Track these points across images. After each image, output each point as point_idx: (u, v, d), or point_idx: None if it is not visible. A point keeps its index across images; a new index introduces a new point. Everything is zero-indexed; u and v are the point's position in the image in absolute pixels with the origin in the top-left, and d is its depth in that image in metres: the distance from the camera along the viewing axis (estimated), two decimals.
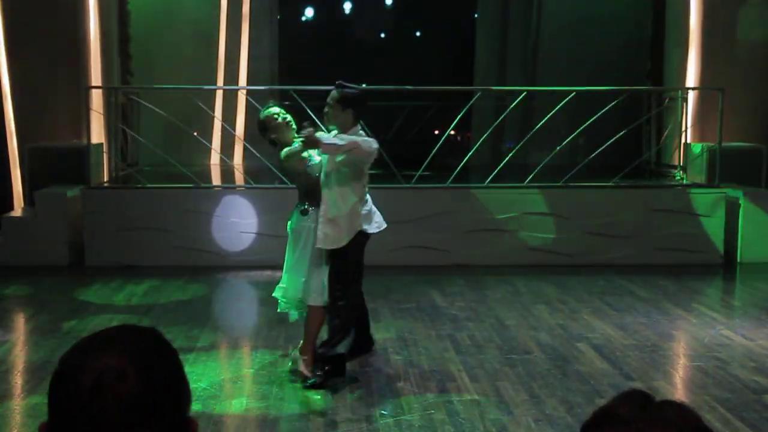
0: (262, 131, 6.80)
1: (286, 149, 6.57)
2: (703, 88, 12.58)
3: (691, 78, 12.97)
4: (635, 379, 6.50)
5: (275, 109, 6.77)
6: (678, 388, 6.56)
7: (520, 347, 7.37)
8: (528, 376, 6.58)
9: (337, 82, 6.71)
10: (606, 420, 1.47)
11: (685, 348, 7.58)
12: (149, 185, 11.34)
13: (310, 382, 6.39)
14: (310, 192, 6.60)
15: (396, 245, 10.76)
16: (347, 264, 6.53)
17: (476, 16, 17.73)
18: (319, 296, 6.49)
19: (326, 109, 6.58)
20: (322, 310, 6.53)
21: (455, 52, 18.32)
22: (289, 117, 6.76)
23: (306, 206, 6.62)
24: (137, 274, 10.30)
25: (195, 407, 5.55)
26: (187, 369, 1.55)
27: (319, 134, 6.36)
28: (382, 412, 5.83)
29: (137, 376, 1.43)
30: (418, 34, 17.65)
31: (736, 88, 12.20)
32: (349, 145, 6.28)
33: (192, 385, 1.59)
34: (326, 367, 6.43)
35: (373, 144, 6.44)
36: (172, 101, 14.65)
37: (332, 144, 6.28)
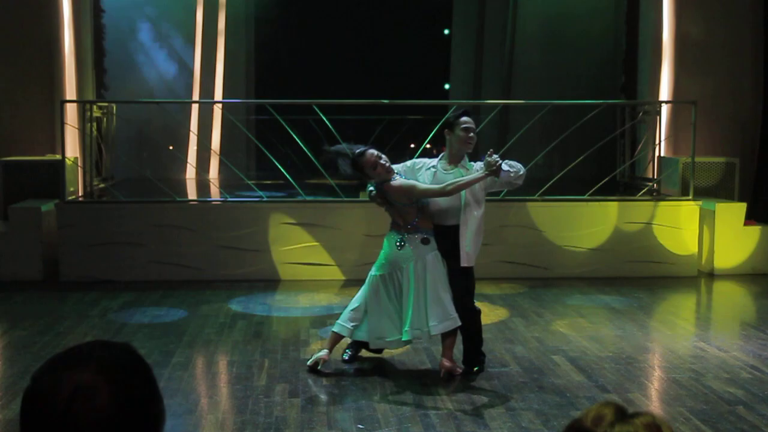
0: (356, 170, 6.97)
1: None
2: (676, 101, 12.68)
3: (665, 91, 13.07)
4: (611, 392, 6.53)
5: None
6: (653, 399, 6.59)
7: (496, 360, 7.38)
8: (504, 389, 6.59)
9: (465, 110, 7.12)
10: None
11: (660, 360, 7.61)
12: (124, 199, 11.30)
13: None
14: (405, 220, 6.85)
15: (372, 260, 10.73)
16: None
17: (446, 32, 17.82)
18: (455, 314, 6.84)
19: (472, 135, 6.95)
20: None
21: (430, 65, 18.35)
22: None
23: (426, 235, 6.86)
24: (112, 289, 10.24)
25: (169, 423, 5.52)
26: (161, 384, 1.55)
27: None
28: (359, 426, 5.82)
29: (111, 392, 1.43)
30: (394, 47, 17.67)
31: (709, 101, 12.32)
32: (516, 172, 6.81)
33: (166, 401, 1.59)
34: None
35: (523, 169, 6.94)
36: (147, 115, 14.62)
37: (507, 172, 6.74)
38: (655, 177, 12.47)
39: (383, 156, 6.92)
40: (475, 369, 7.04)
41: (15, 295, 10.02)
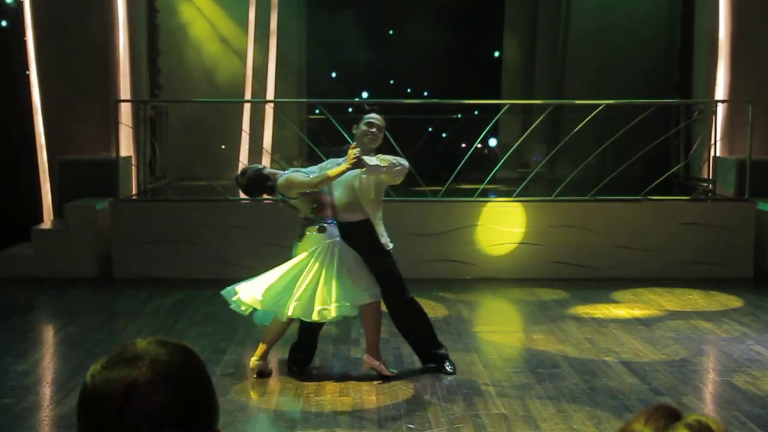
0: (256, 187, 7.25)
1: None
2: (732, 100, 12.50)
3: (721, 90, 12.89)
4: (664, 394, 6.45)
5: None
6: (707, 403, 6.50)
7: (547, 361, 7.33)
8: (555, 391, 6.54)
9: (373, 108, 7.19)
10: None
11: (714, 363, 7.51)
12: (177, 198, 11.40)
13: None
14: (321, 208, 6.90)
15: (422, 258, 10.75)
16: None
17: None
18: (375, 290, 6.75)
19: (374, 130, 6.91)
20: (378, 305, 6.78)
21: (483, 64, 18.30)
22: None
23: (323, 223, 6.84)
24: (165, 286, 10.34)
25: (221, 420, 5.56)
26: (214, 382, 1.56)
27: (365, 158, 6.65)
28: (409, 425, 5.81)
29: (166, 388, 1.44)
30: (446, 46, 17.64)
31: (767, 100, 12.10)
32: (390, 167, 6.73)
33: (219, 398, 1.60)
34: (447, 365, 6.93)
35: (406, 164, 6.88)
36: (200, 114, 14.75)
37: (375, 166, 6.67)
38: (711, 177, 12.30)
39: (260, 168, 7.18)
40: (449, 369, 6.97)
41: (69, 291, 10.16)
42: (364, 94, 16.95)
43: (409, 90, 17.95)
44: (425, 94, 17.80)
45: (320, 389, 6.58)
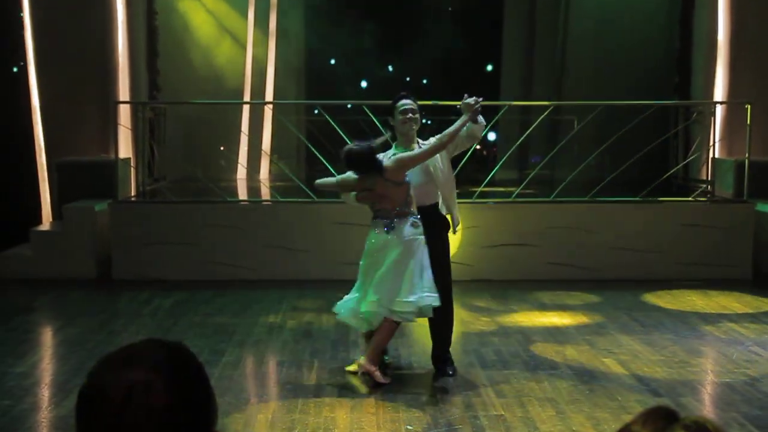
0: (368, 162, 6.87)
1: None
2: (731, 101, 12.51)
3: (719, 92, 12.89)
4: (662, 396, 6.45)
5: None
6: (706, 404, 6.50)
7: (546, 363, 7.34)
8: (554, 392, 6.54)
9: (404, 94, 7.16)
10: None
11: (713, 364, 7.51)
12: (176, 200, 11.40)
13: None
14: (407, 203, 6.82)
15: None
16: None
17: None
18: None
19: (410, 115, 6.91)
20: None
21: (482, 65, 18.31)
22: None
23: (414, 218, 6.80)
24: (164, 287, 10.34)
25: (220, 421, 5.56)
26: (213, 383, 1.56)
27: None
28: (408, 427, 5.82)
29: (166, 389, 1.44)
30: (446, 47, 17.66)
31: (765, 101, 12.11)
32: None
33: (218, 399, 1.60)
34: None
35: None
36: (199, 116, 14.76)
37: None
38: (709, 179, 12.30)
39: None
40: (450, 372, 7.00)
41: (69, 293, 10.16)
42: (363, 83, 16.99)
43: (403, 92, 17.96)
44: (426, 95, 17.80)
45: (319, 391, 6.58)
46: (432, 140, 6.82)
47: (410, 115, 6.91)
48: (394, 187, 6.71)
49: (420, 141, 6.97)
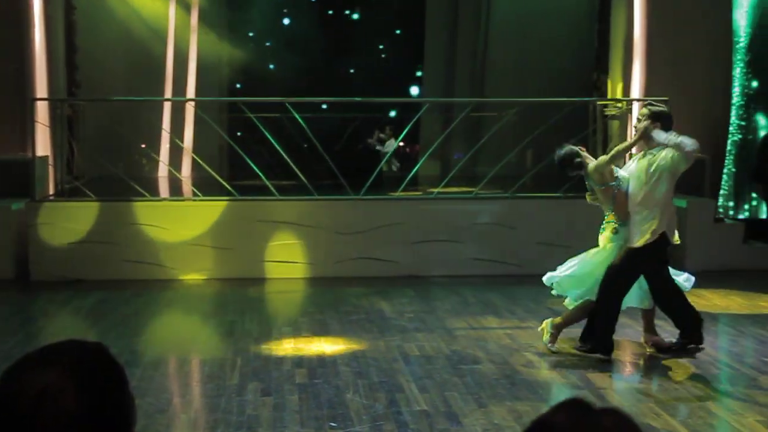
0: (564, 167, 7.67)
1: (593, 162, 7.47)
2: (647, 98, 12.73)
3: (636, 89, 13.14)
4: (583, 388, 6.56)
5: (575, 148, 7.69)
6: (624, 395, 6.63)
7: (468, 357, 7.41)
8: (477, 386, 6.61)
9: (648, 102, 7.76)
10: (542, 429, 1.50)
11: (631, 355, 7.66)
12: (96, 198, 11.23)
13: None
14: (615, 209, 7.37)
15: (345, 257, 10.80)
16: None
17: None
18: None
19: (637, 124, 7.41)
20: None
21: (405, 64, 18.39)
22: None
23: (616, 225, 7.38)
24: (83, 288, 10.18)
25: (141, 423, 5.51)
26: (133, 384, 1.56)
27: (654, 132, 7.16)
28: (331, 424, 5.83)
29: (78, 394, 1.43)
30: (367, 47, 17.72)
31: (681, 99, 12.37)
32: (678, 145, 7.12)
33: (138, 401, 1.60)
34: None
35: (693, 145, 7.15)
36: (120, 113, 14.55)
37: (676, 143, 7.11)
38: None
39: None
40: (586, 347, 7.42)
41: None
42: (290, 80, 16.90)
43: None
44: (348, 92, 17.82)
45: (242, 390, 6.55)
46: (611, 150, 7.59)
47: (636, 123, 7.50)
48: (599, 188, 7.43)
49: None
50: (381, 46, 18.77)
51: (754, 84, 12.58)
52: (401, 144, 12.97)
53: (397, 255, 10.95)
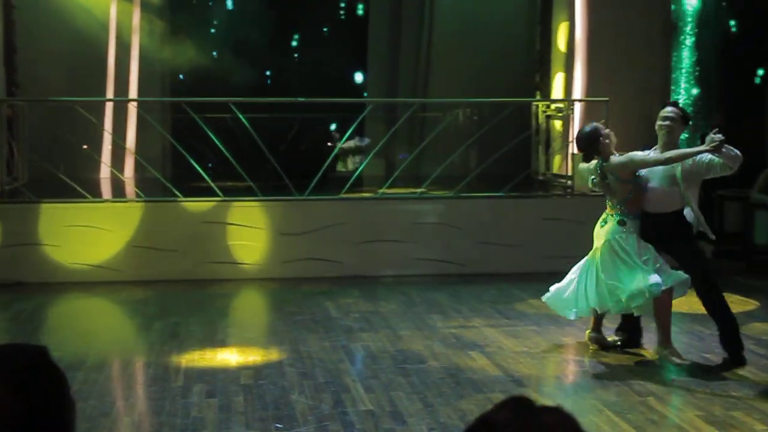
0: (588, 145, 7.41)
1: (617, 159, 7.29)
2: (588, 99, 12.90)
3: (578, 90, 13.29)
4: (527, 386, 6.63)
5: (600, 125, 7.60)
6: (567, 392, 6.71)
7: (414, 357, 7.44)
8: (422, 386, 6.64)
9: (670, 102, 7.76)
10: (484, 427, 1.52)
11: (574, 354, 7.75)
12: (36, 200, 11.07)
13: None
14: (626, 202, 7.23)
15: (289, 257, 10.78)
16: None
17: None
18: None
19: (668, 123, 7.28)
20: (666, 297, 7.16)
21: (347, 63, 18.40)
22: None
23: (623, 217, 7.22)
24: (24, 291, 10.04)
25: (84, 426, 5.45)
26: (75, 388, 1.55)
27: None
28: (277, 425, 5.82)
29: (14, 401, 1.41)
30: (310, 46, 17.71)
31: (621, 99, 12.54)
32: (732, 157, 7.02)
33: (81, 404, 1.59)
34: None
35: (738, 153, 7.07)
36: (61, 114, 14.34)
37: (732, 154, 6.98)
38: (569, 174, 12.66)
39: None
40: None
41: None
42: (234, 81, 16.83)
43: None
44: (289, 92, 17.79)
45: (187, 392, 6.51)
46: (667, 153, 7.14)
47: (659, 122, 7.34)
48: (618, 182, 7.24)
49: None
50: (326, 46, 18.71)
51: (695, 91, 12.81)
52: (346, 145, 12.99)
53: (342, 255, 10.96)
